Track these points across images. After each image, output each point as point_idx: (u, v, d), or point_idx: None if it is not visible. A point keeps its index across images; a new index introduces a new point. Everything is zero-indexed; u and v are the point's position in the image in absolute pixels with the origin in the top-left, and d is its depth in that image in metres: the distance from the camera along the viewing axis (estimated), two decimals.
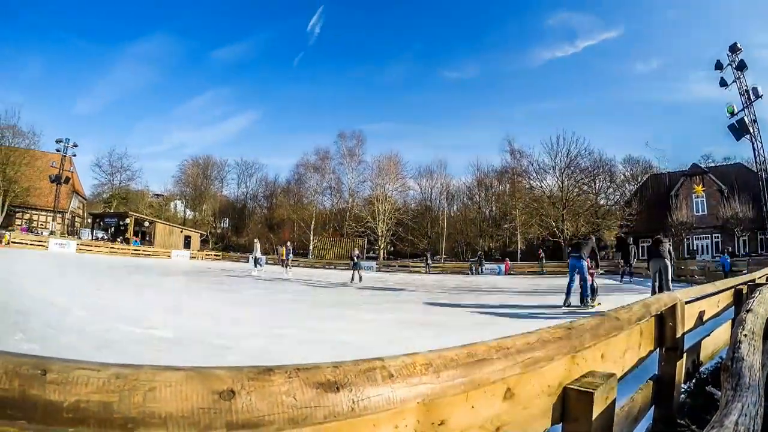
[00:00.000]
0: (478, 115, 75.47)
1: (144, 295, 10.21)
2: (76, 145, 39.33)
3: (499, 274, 33.95)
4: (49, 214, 40.66)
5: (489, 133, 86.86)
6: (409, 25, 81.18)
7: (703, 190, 38.48)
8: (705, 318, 3.35)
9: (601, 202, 46.75)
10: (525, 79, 75.96)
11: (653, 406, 2.53)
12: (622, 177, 49.09)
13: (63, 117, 66.74)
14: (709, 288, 3.74)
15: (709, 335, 3.49)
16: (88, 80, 75.93)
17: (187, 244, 46.57)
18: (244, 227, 57.73)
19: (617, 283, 19.01)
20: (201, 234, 52.30)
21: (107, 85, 74.56)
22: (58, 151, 38.56)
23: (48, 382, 0.48)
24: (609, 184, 47.90)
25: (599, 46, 74.96)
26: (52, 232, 29.93)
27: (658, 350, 2.53)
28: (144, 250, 36.91)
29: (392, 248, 50.02)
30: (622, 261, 22.10)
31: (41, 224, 41.11)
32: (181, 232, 47.95)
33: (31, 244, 28.98)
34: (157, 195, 59.12)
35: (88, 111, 70.80)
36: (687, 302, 2.78)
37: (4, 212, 38.82)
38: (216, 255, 46.65)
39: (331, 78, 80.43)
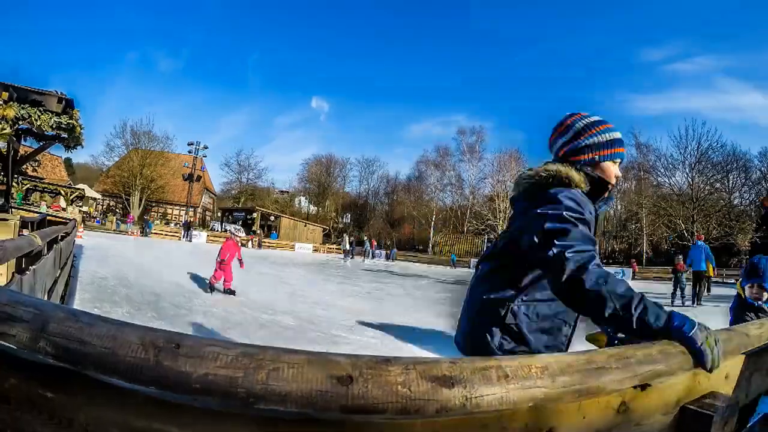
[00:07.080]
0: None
1: (268, 284, 10.67)
2: (206, 147, 43.27)
3: (623, 277, 31.06)
4: (182, 208, 45.29)
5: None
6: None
7: None
8: None
9: (735, 202, 39.27)
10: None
11: None
12: (758, 173, 40.01)
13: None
14: None
15: None
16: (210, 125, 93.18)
17: (310, 238, 47.18)
18: (365, 223, 57.68)
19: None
20: (323, 228, 53.01)
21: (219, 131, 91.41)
22: (189, 152, 42.79)
23: (180, 355, 0.52)
24: (744, 181, 40.04)
25: None
26: (186, 224, 33.20)
27: None
28: (269, 242, 37.40)
29: None
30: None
31: (175, 217, 45.93)
32: (305, 226, 48.94)
33: (167, 235, 32.44)
34: (283, 191, 61.06)
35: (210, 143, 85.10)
36: None
37: (142, 206, 44.04)
38: (338, 249, 46.60)
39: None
